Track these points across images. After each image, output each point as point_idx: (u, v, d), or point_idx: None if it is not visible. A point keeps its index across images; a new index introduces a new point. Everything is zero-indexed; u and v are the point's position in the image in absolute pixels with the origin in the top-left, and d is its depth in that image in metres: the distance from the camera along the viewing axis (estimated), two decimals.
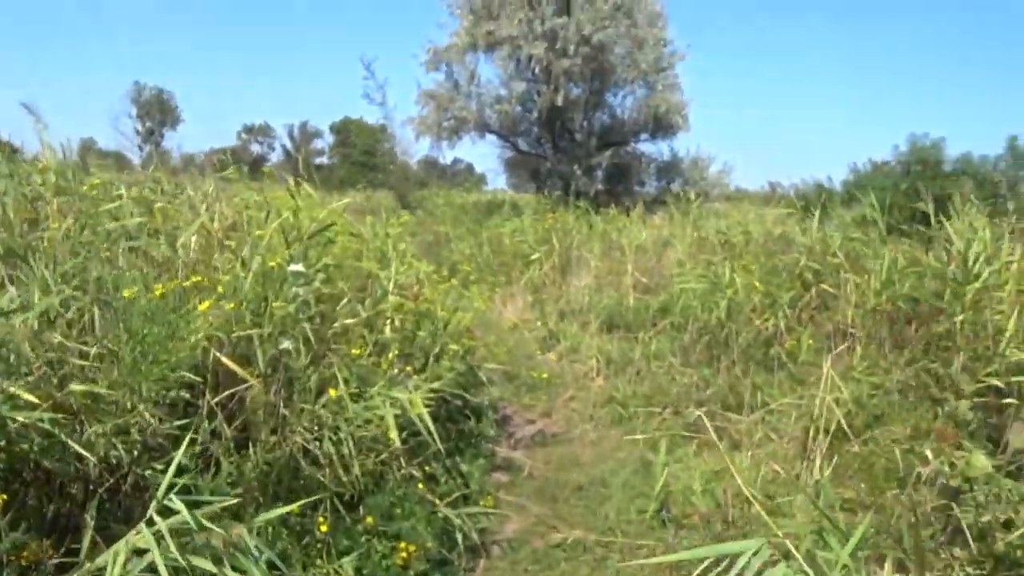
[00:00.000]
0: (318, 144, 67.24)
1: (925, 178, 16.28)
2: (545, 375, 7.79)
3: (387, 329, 5.36)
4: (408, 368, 5.02)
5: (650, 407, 7.10)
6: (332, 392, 3.96)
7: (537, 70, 23.11)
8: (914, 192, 15.08)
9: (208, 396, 3.69)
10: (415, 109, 25.94)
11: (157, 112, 66.47)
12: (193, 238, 4.97)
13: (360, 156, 58.01)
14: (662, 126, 25.86)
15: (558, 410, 7.40)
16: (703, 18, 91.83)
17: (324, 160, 66.61)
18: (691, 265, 9.91)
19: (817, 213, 11.84)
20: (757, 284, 8.24)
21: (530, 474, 5.94)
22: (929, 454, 5.04)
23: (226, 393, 3.77)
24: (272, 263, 4.21)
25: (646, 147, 27.10)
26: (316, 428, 3.90)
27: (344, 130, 61.83)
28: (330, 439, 3.87)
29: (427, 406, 4.51)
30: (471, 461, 5.60)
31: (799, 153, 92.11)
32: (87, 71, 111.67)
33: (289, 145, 66.44)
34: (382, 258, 6.73)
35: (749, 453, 6.30)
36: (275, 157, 69.87)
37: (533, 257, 12.14)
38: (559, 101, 23.19)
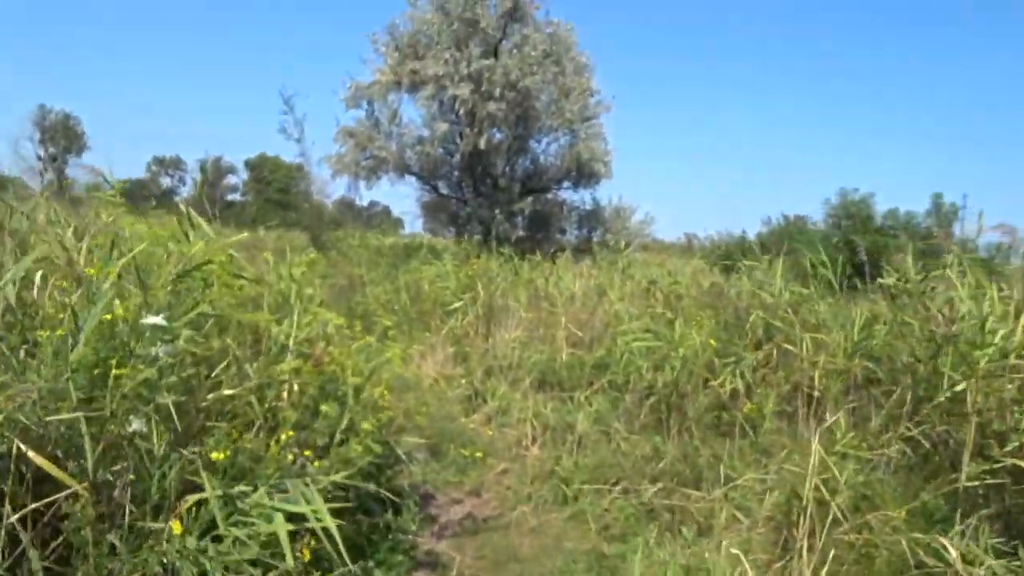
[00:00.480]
0: (232, 180, 65.32)
1: (856, 232, 15.85)
2: (478, 453, 6.63)
3: (284, 398, 4.19)
4: (308, 452, 3.84)
5: (597, 483, 6.04)
6: (188, 502, 2.78)
7: (461, 112, 22.20)
8: (845, 246, 14.70)
9: (8, 509, 2.49)
10: (333, 147, 24.77)
11: (62, 138, 63.59)
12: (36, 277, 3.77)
13: (275, 194, 56.29)
14: (585, 174, 25.25)
15: (489, 487, 6.25)
16: (629, 69, 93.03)
17: (238, 197, 64.73)
18: (629, 318, 8.97)
19: (746, 267, 11.19)
20: (712, 342, 7.31)
21: (459, 574, 4.80)
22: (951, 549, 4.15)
23: (36, 505, 2.57)
24: (120, 312, 3.03)
25: (568, 195, 26.51)
26: (168, 556, 2.71)
27: (260, 167, 60.00)
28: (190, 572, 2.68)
29: (332, 500, 3.39)
30: (388, 562, 4.44)
31: (713, 207, 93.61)
32: None
33: (200, 180, 64.21)
34: (282, 306, 5.55)
35: (721, 542, 5.29)
36: (186, 191, 67.75)
37: (455, 306, 11.02)
38: (482, 144, 22.34)
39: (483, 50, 22.16)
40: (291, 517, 3.11)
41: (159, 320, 3.02)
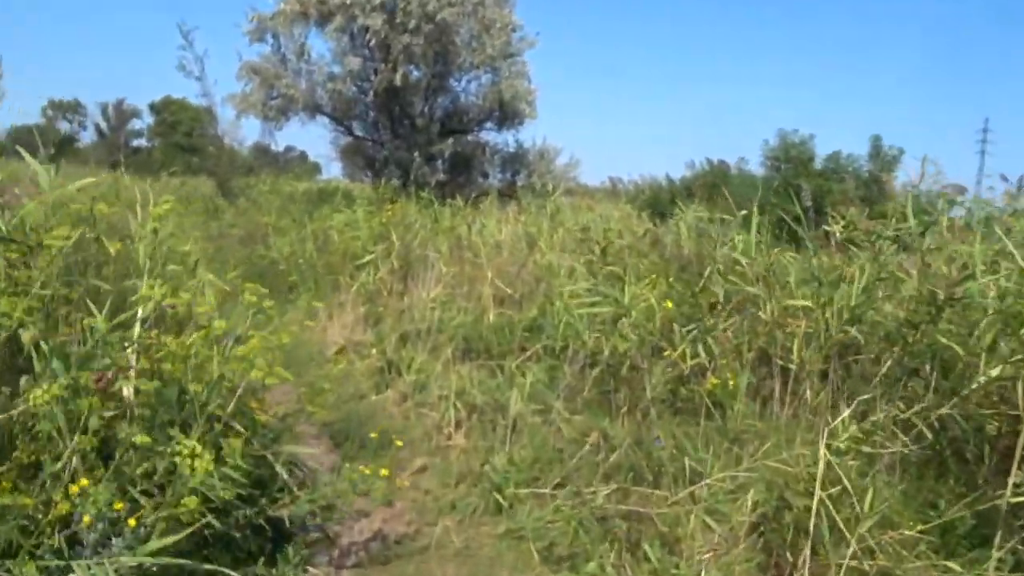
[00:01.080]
0: (137, 125, 61.81)
1: (799, 176, 14.84)
2: (398, 442, 5.32)
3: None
4: (119, 506, 2.50)
5: (536, 486, 4.85)
6: None
7: (373, 44, 20.44)
8: (785, 192, 13.68)
9: None
10: (238, 86, 22.81)
11: None
12: None
13: (182, 139, 53.31)
14: (508, 115, 23.78)
15: (404, 492, 4.99)
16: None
17: (143, 143, 61.35)
18: (567, 274, 7.74)
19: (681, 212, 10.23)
20: (669, 304, 6.13)
21: None
22: None
23: None
24: None
25: (491, 137, 25.01)
26: None
27: (165, 110, 56.70)
28: None
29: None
30: None
31: (636, 151, 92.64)
32: None
33: (103, 124, 60.61)
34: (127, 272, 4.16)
35: (696, 559, 4.19)
36: (87, 137, 63.94)
37: (367, 259, 9.62)
38: (397, 81, 20.65)
39: None
40: None
41: None
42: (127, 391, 3.23)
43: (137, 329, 3.67)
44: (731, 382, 5.60)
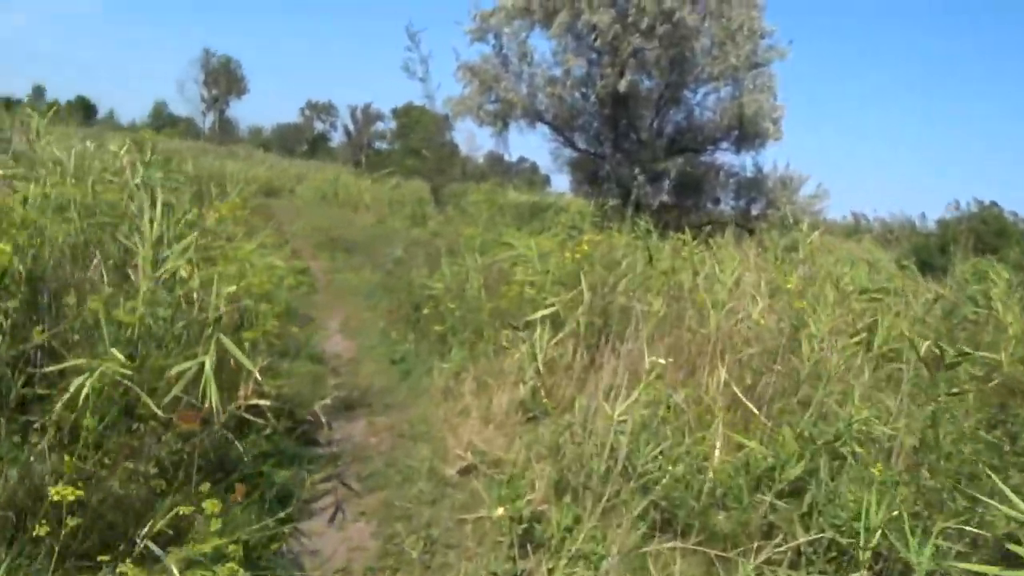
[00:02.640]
0: (380, 127, 62.50)
1: None
2: None
3: None
4: None
5: None
6: None
7: (599, 44, 17.37)
8: None
9: None
10: (458, 86, 20.58)
11: (224, 80, 62.63)
12: None
13: (418, 143, 52.80)
14: (748, 134, 19.96)
15: None
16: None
17: (384, 145, 61.90)
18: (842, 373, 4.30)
19: None
20: None
21: None
22: None
23: None
24: None
25: (726, 158, 21.28)
26: None
27: (406, 115, 56.63)
28: None
29: None
30: None
31: (880, 182, 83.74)
32: (157, 29, 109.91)
33: (351, 126, 61.76)
34: None
35: None
36: (337, 137, 65.65)
37: (544, 311, 6.45)
38: (622, 87, 17.48)
39: None
40: None
41: None
42: None
43: None
44: None
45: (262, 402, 4.13)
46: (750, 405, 4.45)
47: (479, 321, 7.28)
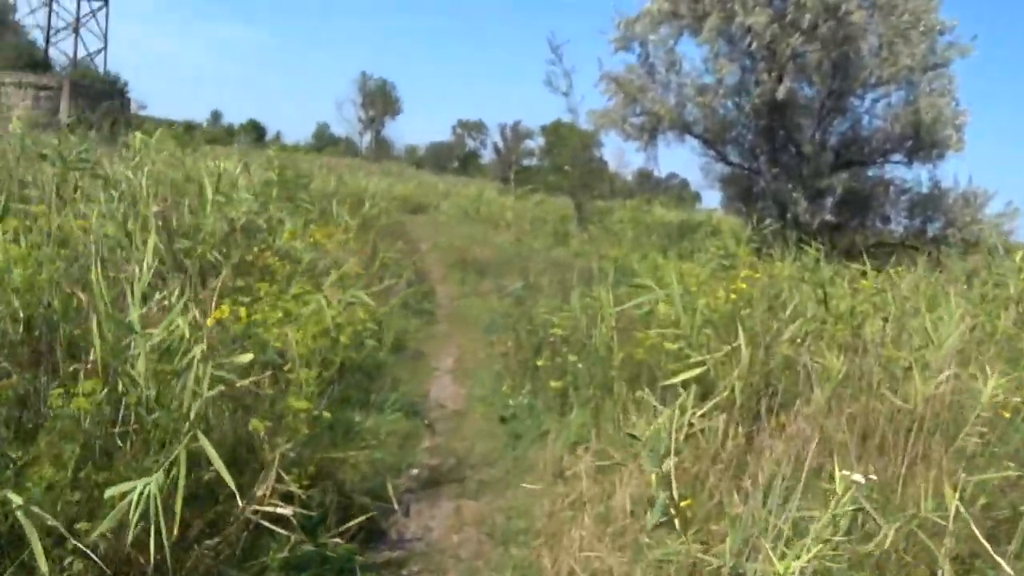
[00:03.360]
0: (529, 145, 61.95)
1: None
2: None
3: None
4: None
5: None
6: None
7: (755, 48, 15.58)
8: None
9: None
10: (601, 100, 19.27)
11: (380, 101, 63.91)
12: None
13: (566, 160, 51.77)
14: (924, 144, 17.59)
15: None
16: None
17: (534, 162, 61.31)
18: None
19: None
20: None
21: None
22: None
23: None
24: None
25: (897, 171, 18.91)
26: None
27: (554, 132, 55.80)
28: None
29: None
30: None
31: None
32: (321, 54, 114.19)
33: (500, 143, 61.55)
34: None
35: None
36: (487, 155, 65.71)
37: (689, 373, 4.93)
38: (781, 94, 15.64)
39: None
40: None
41: None
42: None
43: None
44: None
45: (281, 510, 2.91)
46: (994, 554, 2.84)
47: (607, 376, 5.86)
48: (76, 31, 35.00)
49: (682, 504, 3.61)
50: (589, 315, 6.86)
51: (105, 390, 2.58)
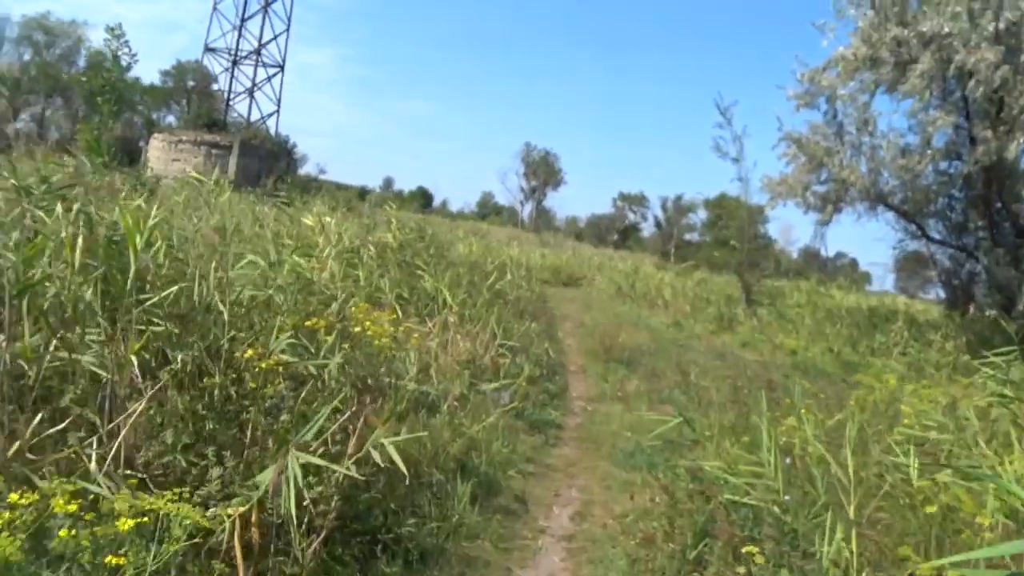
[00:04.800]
0: (692, 219, 58.88)
1: None
2: None
3: None
4: None
5: None
6: None
7: (977, 95, 12.30)
8: None
9: None
10: (776, 164, 16.43)
11: (542, 172, 62.89)
12: None
13: (732, 234, 48.38)
14: None
15: None
16: None
17: (695, 237, 58.15)
18: None
19: None
20: None
21: None
22: None
23: None
24: None
25: None
26: None
27: (718, 208, 52.55)
28: None
29: None
30: None
31: None
32: (488, 126, 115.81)
33: (661, 217, 58.86)
34: None
35: None
36: (648, 228, 63.09)
37: None
38: (1012, 153, 12.31)
39: None
40: None
41: None
42: None
43: None
44: None
45: None
46: None
47: None
48: (251, 94, 35.47)
49: None
50: (790, 469, 4.18)
51: None
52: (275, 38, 35.69)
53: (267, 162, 31.85)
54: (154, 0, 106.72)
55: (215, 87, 38.99)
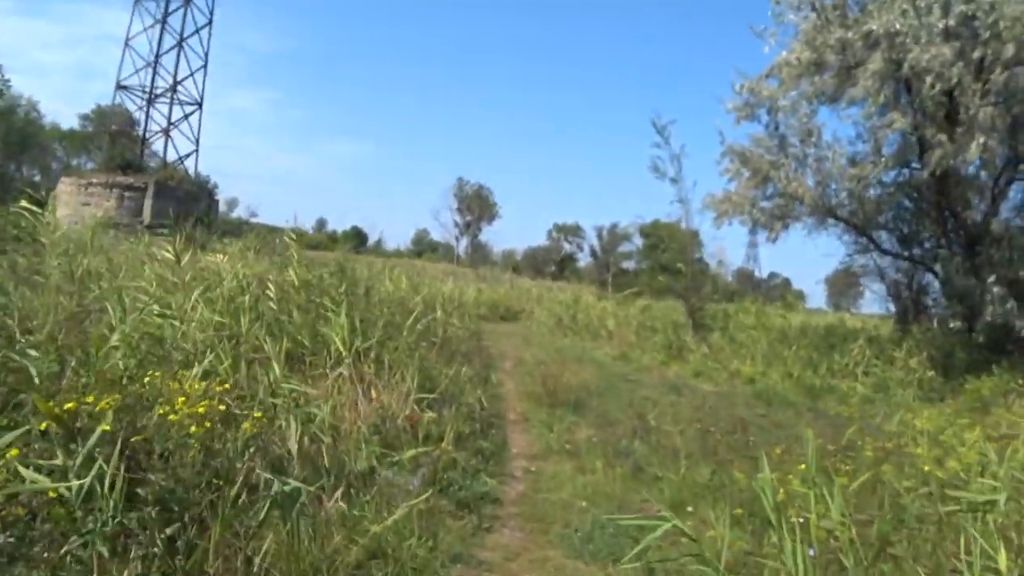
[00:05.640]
0: (627, 247, 58.16)
1: None
2: None
3: None
4: None
5: None
6: None
7: (931, 100, 11.28)
8: None
9: None
10: (718, 181, 15.31)
11: (476, 206, 61.60)
12: None
13: (667, 261, 47.69)
14: None
15: None
16: None
17: (632, 264, 57.45)
18: None
19: None
20: None
21: None
22: None
23: None
24: None
25: None
26: None
27: (653, 233, 51.94)
28: None
29: None
30: None
31: None
32: (419, 163, 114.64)
33: (597, 246, 58.08)
34: None
35: None
36: (584, 257, 62.14)
37: None
38: (974, 154, 11.29)
39: None
40: None
41: None
42: None
43: None
44: None
45: None
46: None
47: None
48: (167, 133, 33.55)
49: None
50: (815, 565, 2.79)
51: None
52: (191, 75, 33.93)
53: (185, 204, 29.89)
54: (73, 46, 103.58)
55: (136, 128, 36.94)
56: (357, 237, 62.61)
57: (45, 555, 2.39)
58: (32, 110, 49.86)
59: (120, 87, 34.02)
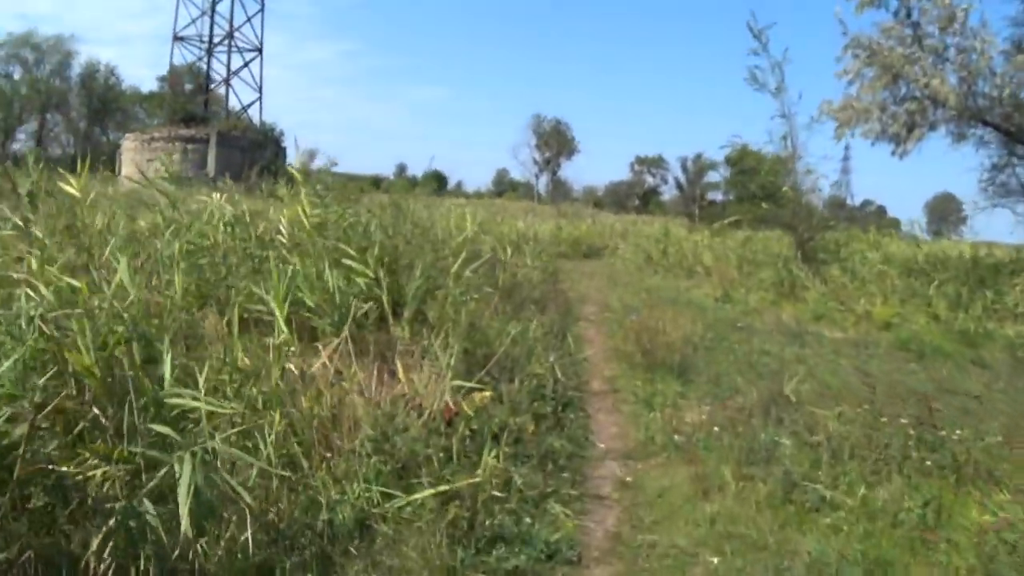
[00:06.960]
0: (713, 177, 54.49)
1: None
2: None
3: None
4: None
5: None
6: None
7: None
8: None
9: None
10: (836, 85, 12.63)
11: (555, 142, 58.71)
12: None
13: (758, 190, 44.18)
14: None
15: None
16: None
17: (719, 195, 53.89)
18: None
19: None
20: None
21: None
22: None
23: None
24: None
25: None
26: None
27: (741, 162, 48.24)
28: None
29: None
30: None
31: None
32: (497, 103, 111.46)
33: (682, 178, 54.65)
34: None
35: None
36: (668, 191, 58.67)
37: None
38: None
39: None
40: None
41: None
42: None
43: None
44: None
45: None
46: None
47: None
48: (228, 82, 32.00)
49: None
50: None
51: None
52: (248, 20, 32.10)
53: (250, 153, 28.32)
54: (153, 13, 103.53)
55: (198, 78, 35.54)
56: (437, 180, 60.87)
57: None
58: (111, 75, 49.40)
59: (177, 39, 32.52)
